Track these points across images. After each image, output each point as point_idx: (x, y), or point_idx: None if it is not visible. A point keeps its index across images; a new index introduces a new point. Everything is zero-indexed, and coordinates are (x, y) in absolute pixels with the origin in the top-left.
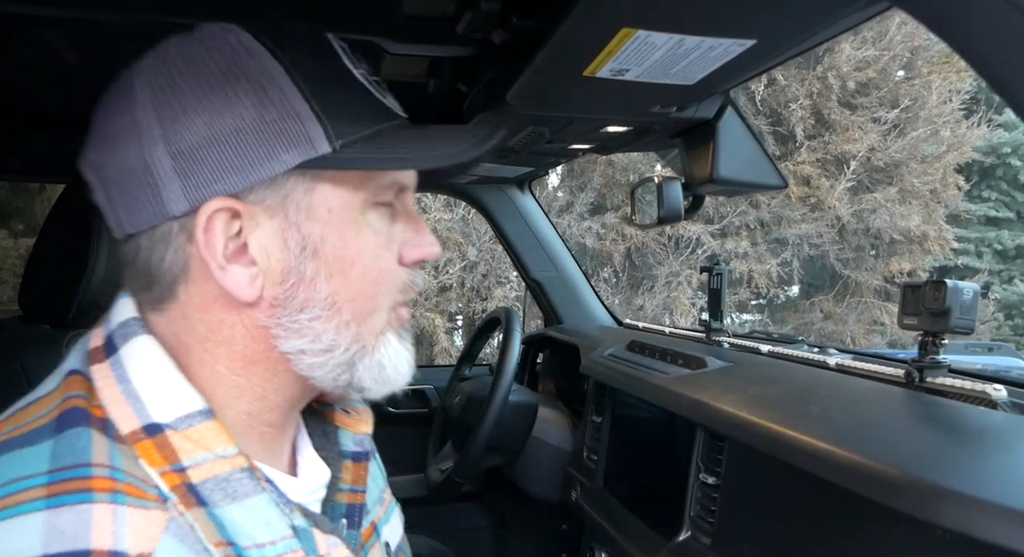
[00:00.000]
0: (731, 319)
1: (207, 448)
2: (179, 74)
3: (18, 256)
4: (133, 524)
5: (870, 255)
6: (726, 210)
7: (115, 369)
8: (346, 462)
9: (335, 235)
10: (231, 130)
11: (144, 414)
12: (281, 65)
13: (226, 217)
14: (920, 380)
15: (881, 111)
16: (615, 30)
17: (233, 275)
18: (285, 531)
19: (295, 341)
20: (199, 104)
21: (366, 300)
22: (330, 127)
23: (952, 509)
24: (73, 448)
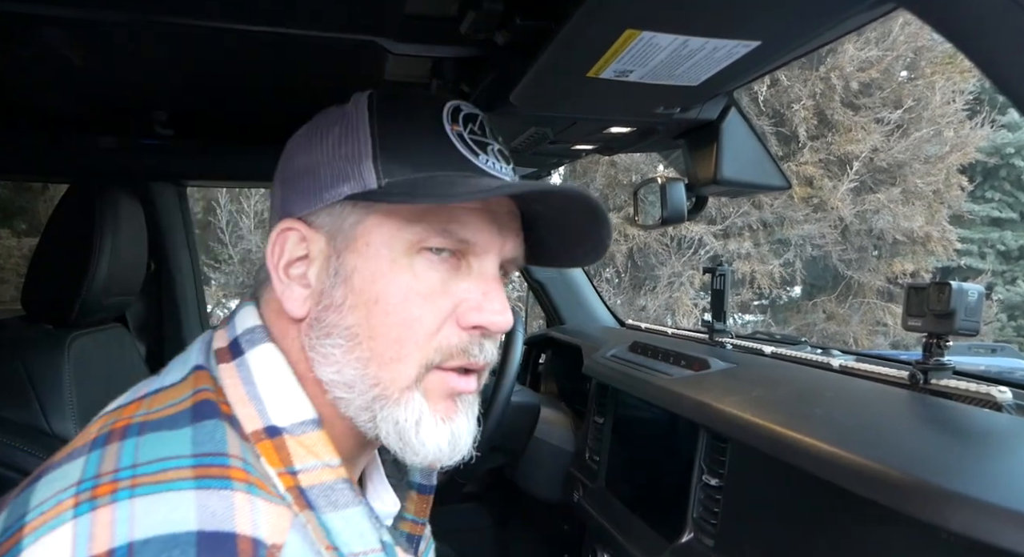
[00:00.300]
0: (733, 320)
1: (317, 456)
2: (314, 124)
3: (21, 256)
4: (266, 515)
5: (873, 256)
6: (729, 211)
7: (241, 371)
8: (412, 492)
9: (367, 268)
10: (315, 163)
11: (265, 416)
12: (371, 113)
13: (296, 237)
14: (924, 382)
15: (884, 111)
16: (619, 31)
17: (290, 290)
18: (375, 544)
19: (325, 368)
20: (310, 143)
21: (388, 342)
22: (382, 167)
23: (958, 512)
24: (212, 437)
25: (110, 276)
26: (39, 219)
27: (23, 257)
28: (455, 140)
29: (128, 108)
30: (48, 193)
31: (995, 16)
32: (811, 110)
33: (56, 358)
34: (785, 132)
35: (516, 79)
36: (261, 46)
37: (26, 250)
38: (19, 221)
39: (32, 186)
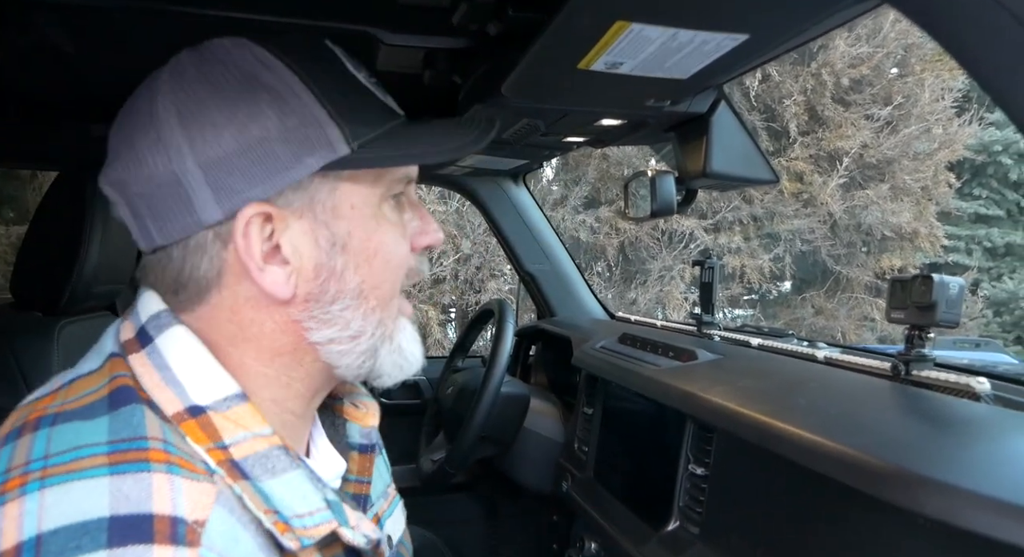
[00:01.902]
0: (723, 314)
1: (245, 427)
2: (202, 91)
3: (9, 244)
4: (188, 493)
5: (861, 251)
6: (719, 205)
7: (152, 358)
8: (353, 453)
9: (360, 229)
10: (257, 139)
11: (185, 397)
12: (296, 74)
13: (260, 221)
14: (906, 373)
15: (874, 108)
16: (609, 23)
17: (271, 276)
18: (320, 503)
19: (326, 331)
20: (225, 118)
21: (389, 286)
22: (347, 129)
23: (934, 498)
24: (129, 422)
25: (100, 264)
26: (27, 207)
27: (11, 245)
28: (372, 88)
29: (120, 96)
30: (37, 181)
31: (976, 14)
32: (802, 106)
33: (45, 345)
34: (776, 127)
35: (508, 70)
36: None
37: (14, 238)
38: (7, 209)
39: (20, 174)
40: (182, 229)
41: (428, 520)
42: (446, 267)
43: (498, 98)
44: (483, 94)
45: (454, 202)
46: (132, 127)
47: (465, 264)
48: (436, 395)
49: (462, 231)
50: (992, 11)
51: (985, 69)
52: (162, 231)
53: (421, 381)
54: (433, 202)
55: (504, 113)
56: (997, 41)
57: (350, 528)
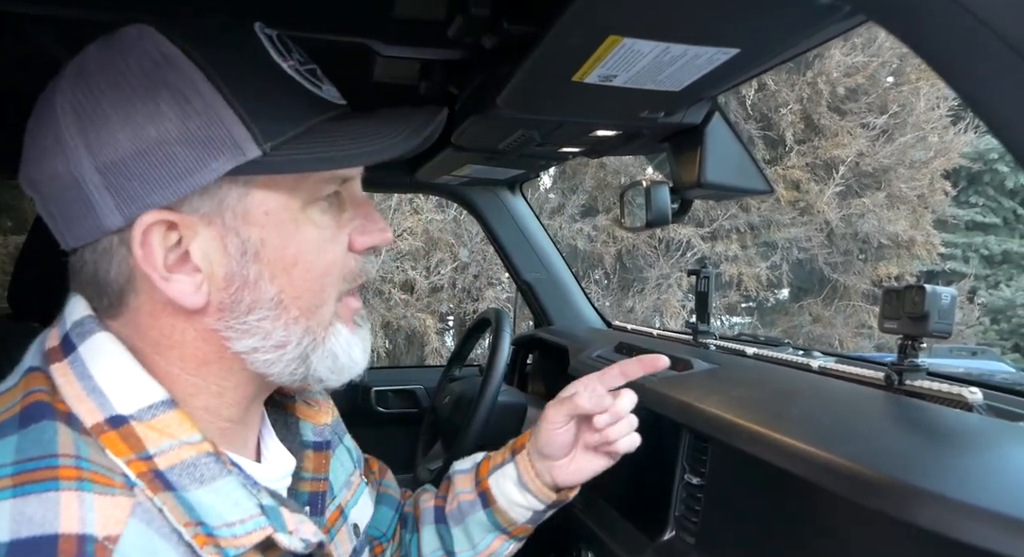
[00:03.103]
0: (721, 322)
1: (172, 436)
2: (98, 87)
3: (7, 254)
4: (100, 509)
5: (858, 259)
6: (716, 213)
7: (75, 367)
8: (307, 452)
9: (274, 236)
10: (155, 142)
11: (108, 407)
12: (201, 69)
13: (163, 229)
14: (899, 383)
15: (870, 117)
16: (602, 37)
17: (177, 285)
18: (253, 510)
19: (247, 340)
20: (121, 118)
21: (312, 295)
22: (257, 129)
23: (926, 508)
24: (39, 440)
25: None
26: (25, 217)
27: (9, 255)
28: (299, 78)
29: None
30: None
31: (957, 31)
32: (798, 114)
33: None
34: (772, 136)
35: (503, 82)
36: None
37: (12, 248)
38: (5, 219)
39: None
40: (88, 233)
41: None
42: (444, 276)
43: (494, 109)
44: (479, 106)
45: (451, 211)
46: (36, 124)
47: (463, 273)
48: (433, 404)
49: (459, 240)
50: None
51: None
52: (71, 233)
53: (418, 390)
54: (430, 210)
55: (500, 124)
56: (979, 58)
57: (287, 533)
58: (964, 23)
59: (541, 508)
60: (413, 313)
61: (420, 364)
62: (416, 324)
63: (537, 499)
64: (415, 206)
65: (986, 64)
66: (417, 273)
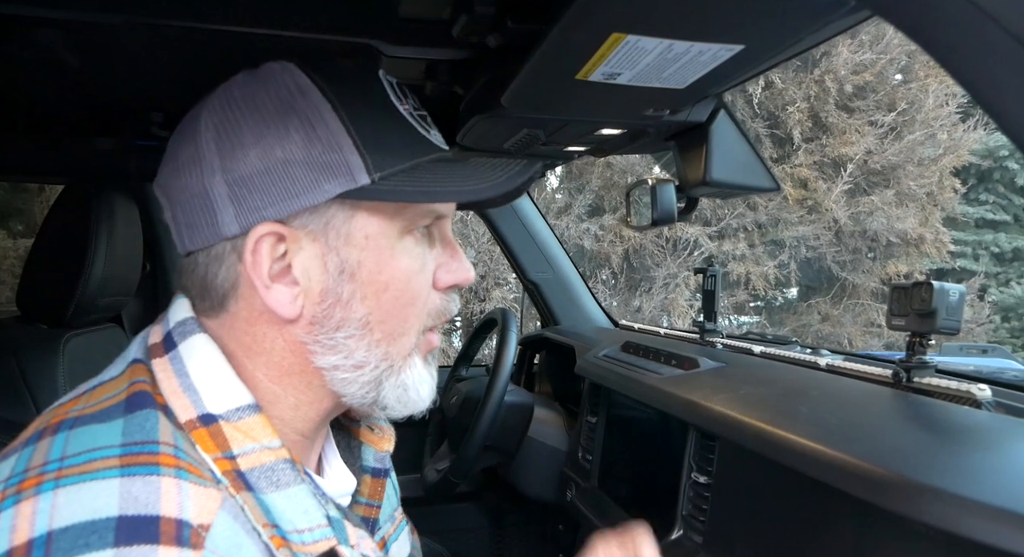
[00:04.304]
0: (729, 321)
1: (255, 439)
2: (239, 110)
3: (16, 256)
4: (195, 498)
5: (867, 257)
6: (723, 212)
7: (174, 363)
8: (365, 476)
9: (371, 260)
10: (280, 161)
11: (200, 405)
12: (329, 102)
13: (272, 240)
14: (907, 380)
15: (878, 114)
16: (606, 35)
17: (276, 294)
18: (321, 520)
19: (330, 357)
20: (254, 138)
21: (397, 321)
22: (370, 160)
23: (935, 506)
24: (143, 426)
25: (105, 277)
26: (35, 220)
27: (18, 258)
28: (412, 121)
29: (124, 109)
30: (44, 194)
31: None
32: (805, 112)
33: (51, 358)
34: (780, 134)
35: (508, 81)
36: (256, 48)
37: (22, 251)
38: (15, 222)
39: (28, 187)
40: (206, 238)
41: (433, 530)
42: None
43: (499, 109)
44: (484, 105)
45: (458, 211)
46: (179, 138)
47: None
48: (440, 404)
49: (466, 240)
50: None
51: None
52: (191, 238)
53: None
54: None
55: (505, 123)
56: (988, 54)
57: (349, 546)
58: (971, 18)
59: None
60: None
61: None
62: None
63: None
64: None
65: (994, 59)
66: None
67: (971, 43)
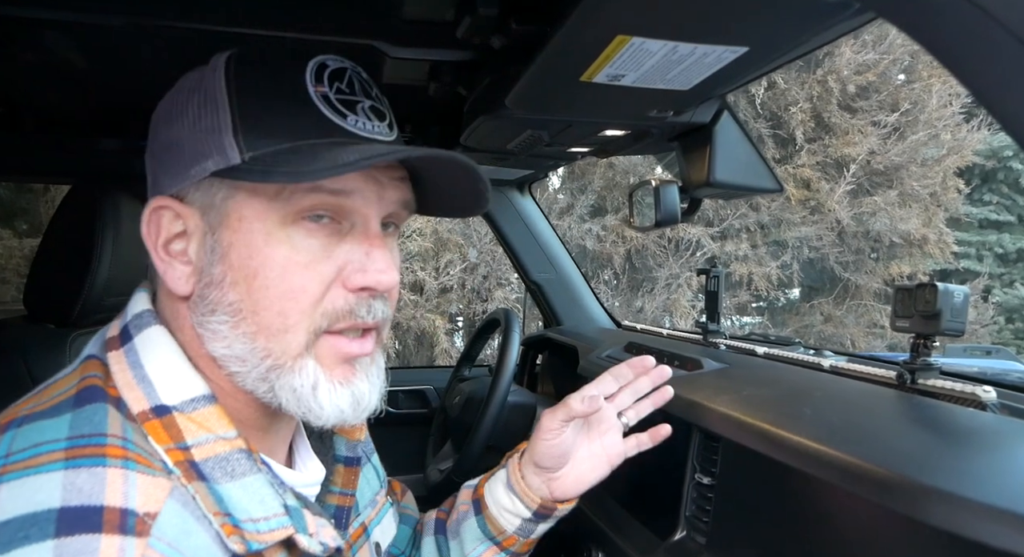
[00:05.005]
0: (731, 322)
1: (209, 430)
2: (172, 92)
3: (22, 256)
4: (141, 487)
5: (870, 258)
6: (726, 213)
7: (129, 356)
8: (339, 466)
9: (242, 243)
10: (176, 138)
11: (154, 397)
12: (228, 82)
13: (171, 216)
14: (911, 382)
15: (881, 115)
16: (610, 37)
17: (172, 270)
18: (278, 509)
19: (215, 344)
20: (172, 115)
21: (272, 315)
22: (243, 140)
23: (939, 507)
24: (91, 420)
25: (111, 276)
26: (40, 220)
27: (24, 257)
28: (319, 103)
29: (130, 110)
30: (49, 194)
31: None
32: (808, 113)
33: (58, 357)
34: (782, 135)
35: (512, 82)
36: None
37: (27, 251)
38: (20, 222)
39: (33, 187)
40: None
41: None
42: (453, 276)
43: (502, 110)
44: (487, 106)
45: None
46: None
47: (472, 273)
48: (443, 404)
49: (468, 240)
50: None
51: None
52: None
53: (428, 390)
54: None
55: (509, 124)
56: (990, 54)
57: (307, 535)
58: (974, 19)
59: (528, 515)
60: (422, 314)
61: (430, 365)
62: (425, 325)
63: (523, 504)
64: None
65: (997, 60)
66: (426, 274)
67: (973, 43)
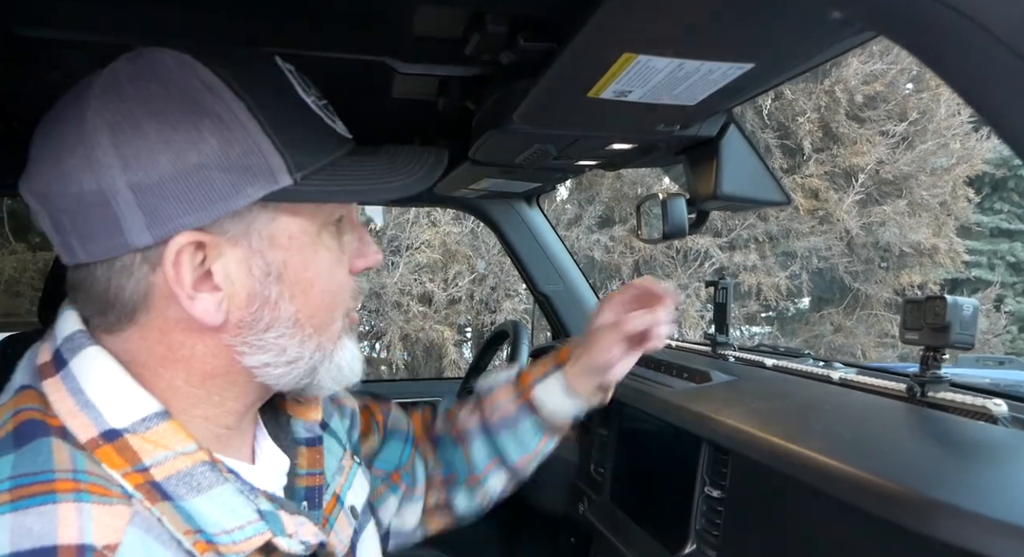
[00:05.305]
0: (740, 332)
1: (167, 447)
2: (138, 111)
3: (36, 270)
4: (98, 519)
5: (880, 268)
6: (734, 223)
7: (67, 382)
8: (301, 448)
9: (296, 259)
10: (196, 167)
11: (101, 422)
12: (242, 100)
13: (192, 249)
14: (921, 394)
15: (889, 124)
16: (617, 54)
17: (201, 303)
18: (251, 516)
19: (260, 356)
20: (162, 141)
21: (325, 313)
22: (290, 160)
23: (949, 522)
24: (35, 459)
25: None
26: None
27: (38, 271)
28: (320, 113)
29: None
30: None
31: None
32: (816, 123)
33: None
34: (790, 145)
35: (519, 98)
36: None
37: (41, 264)
38: (34, 235)
39: None
40: (108, 249)
41: (444, 541)
42: (461, 288)
43: (510, 125)
44: (495, 121)
45: (469, 223)
46: (59, 140)
47: (480, 284)
48: None
49: (477, 251)
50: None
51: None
52: (86, 249)
53: (437, 403)
54: (448, 223)
55: (517, 138)
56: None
57: (286, 537)
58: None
59: (586, 407)
60: (431, 325)
61: (438, 376)
62: (434, 336)
63: (587, 402)
64: (432, 219)
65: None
66: (435, 285)
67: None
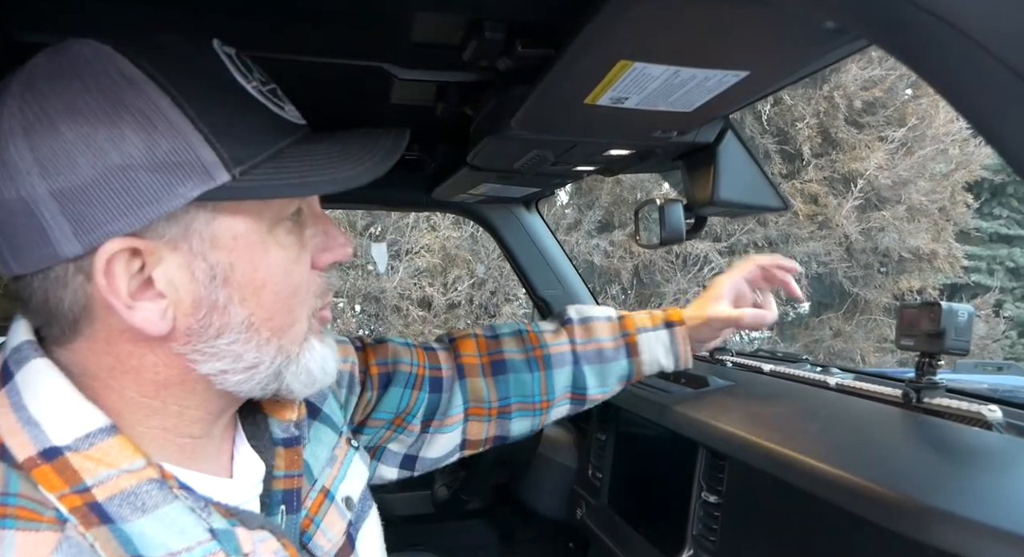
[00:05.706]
0: (740, 336)
1: (111, 464)
2: (52, 108)
3: None
4: (20, 547)
5: (879, 273)
6: (734, 228)
7: (11, 397)
8: (278, 449)
9: (243, 260)
10: (119, 167)
11: (42, 439)
12: (166, 93)
13: (126, 256)
14: (917, 400)
15: (888, 130)
16: (612, 62)
17: (142, 312)
18: (201, 536)
19: (215, 363)
20: (80, 141)
21: (283, 316)
22: (226, 154)
23: (943, 529)
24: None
25: None
26: None
27: None
28: (263, 99)
29: None
30: None
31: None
32: (815, 128)
33: None
34: (789, 150)
35: (517, 104)
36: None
37: None
38: None
39: None
40: (39, 260)
41: (443, 547)
42: (461, 292)
43: (508, 131)
44: (493, 126)
45: (468, 228)
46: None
47: (480, 289)
48: None
49: (476, 256)
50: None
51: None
52: (17, 260)
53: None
54: (447, 228)
55: (514, 144)
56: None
57: (243, 556)
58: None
59: (674, 368)
60: (431, 330)
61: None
62: None
63: (677, 364)
64: (432, 224)
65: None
66: (434, 290)
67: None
